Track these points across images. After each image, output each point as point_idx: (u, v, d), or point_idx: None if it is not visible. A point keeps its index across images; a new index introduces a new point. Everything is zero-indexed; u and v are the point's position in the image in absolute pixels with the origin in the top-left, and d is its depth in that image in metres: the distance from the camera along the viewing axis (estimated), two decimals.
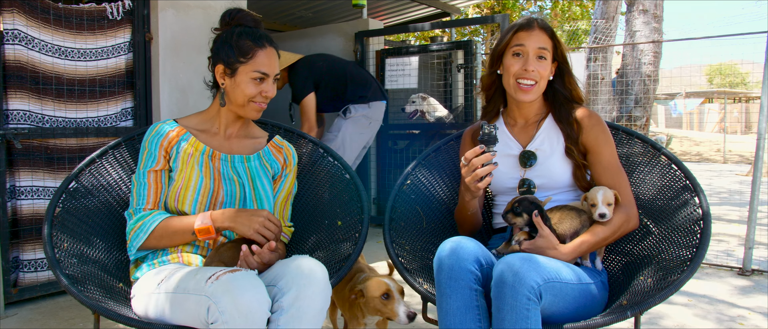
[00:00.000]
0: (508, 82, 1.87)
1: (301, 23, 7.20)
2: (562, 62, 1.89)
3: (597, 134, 1.83)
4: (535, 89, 1.84)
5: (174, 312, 1.52)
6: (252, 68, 1.81)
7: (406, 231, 2.02)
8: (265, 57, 1.82)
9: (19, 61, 3.02)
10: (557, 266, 1.54)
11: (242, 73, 1.81)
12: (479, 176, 1.67)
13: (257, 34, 1.85)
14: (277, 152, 1.99)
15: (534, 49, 1.81)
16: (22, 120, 3.05)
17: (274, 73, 1.85)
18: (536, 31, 1.82)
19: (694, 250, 1.69)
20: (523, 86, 1.83)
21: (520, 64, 1.82)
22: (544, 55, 1.83)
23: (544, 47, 1.82)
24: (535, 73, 1.82)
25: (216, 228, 1.68)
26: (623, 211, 1.74)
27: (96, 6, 3.37)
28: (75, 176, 1.95)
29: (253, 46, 1.82)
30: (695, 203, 1.82)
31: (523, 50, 1.82)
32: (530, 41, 1.81)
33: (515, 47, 1.83)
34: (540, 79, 1.84)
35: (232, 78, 1.83)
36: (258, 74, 1.81)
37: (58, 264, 1.67)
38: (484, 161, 1.67)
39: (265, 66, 1.82)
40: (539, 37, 1.82)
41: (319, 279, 1.49)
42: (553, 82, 1.91)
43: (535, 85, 1.84)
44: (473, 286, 1.52)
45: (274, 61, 1.85)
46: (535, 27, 1.82)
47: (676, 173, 1.94)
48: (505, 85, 1.90)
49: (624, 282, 1.84)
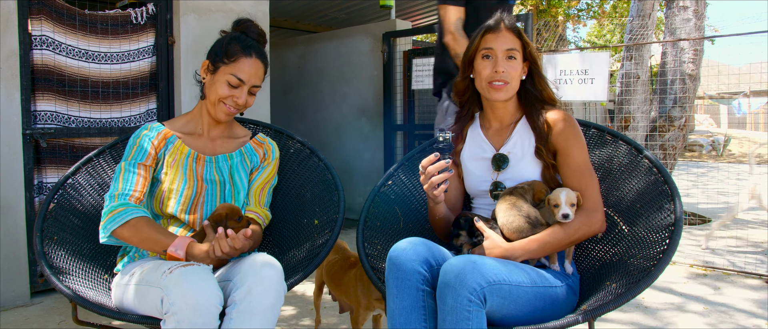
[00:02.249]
0: (481, 85, 1.87)
1: (335, 24, 7.31)
2: (532, 63, 1.88)
3: (567, 136, 1.82)
4: (507, 88, 1.84)
5: (140, 302, 1.61)
6: (231, 71, 1.89)
7: (382, 231, 2.06)
8: (247, 66, 1.90)
9: (47, 65, 3.22)
10: (507, 268, 1.54)
11: (221, 73, 1.90)
12: (435, 183, 1.70)
13: (249, 43, 1.93)
14: (258, 147, 2.07)
15: (502, 50, 1.81)
16: (49, 120, 3.25)
17: (250, 83, 1.91)
18: (503, 32, 1.82)
19: (658, 258, 1.65)
20: (495, 84, 1.84)
21: (491, 67, 1.83)
22: (514, 55, 1.83)
23: (513, 48, 1.82)
24: (505, 73, 1.82)
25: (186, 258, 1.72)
26: (583, 214, 1.72)
27: (121, 12, 3.54)
28: (72, 174, 2.08)
29: (240, 52, 1.90)
30: (669, 208, 1.78)
31: (492, 53, 1.82)
32: (498, 43, 1.82)
33: (484, 50, 1.84)
34: (511, 79, 1.84)
35: (212, 75, 1.92)
36: (234, 79, 1.88)
37: (44, 256, 1.80)
38: (439, 168, 1.69)
39: (243, 73, 1.89)
40: (507, 38, 1.82)
41: (271, 274, 1.55)
42: (525, 82, 1.90)
43: (507, 84, 1.84)
44: (420, 287, 1.54)
45: (254, 71, 1.92)
46: (503, 28, 1.83)
47: (656, 176, 1.90)
48: (478, 88, 1.91)
49: (593, 287, 1.82)
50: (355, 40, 6.06)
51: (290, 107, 6.83)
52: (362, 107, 6.10)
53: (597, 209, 1.74)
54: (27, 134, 3.14)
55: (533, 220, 1.69)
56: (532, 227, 1.68)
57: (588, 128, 2.13)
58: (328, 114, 6.45)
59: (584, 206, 1.73)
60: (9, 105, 3.07)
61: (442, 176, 1.70)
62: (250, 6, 4.16)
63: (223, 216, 1.78)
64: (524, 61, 1.87)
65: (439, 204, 1.82)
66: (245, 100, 1.93)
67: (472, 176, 1.95)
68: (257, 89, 1.96)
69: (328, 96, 6.43)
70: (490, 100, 1.89)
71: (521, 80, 1.88)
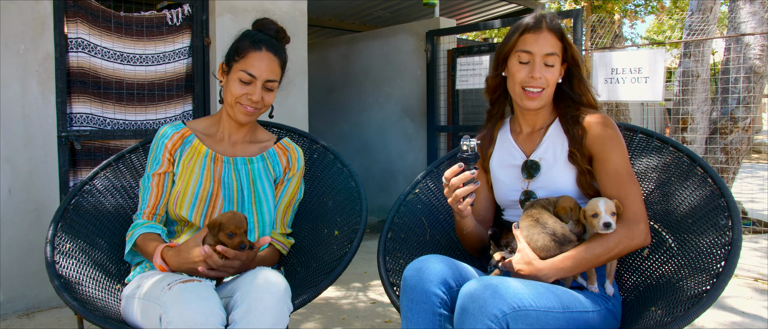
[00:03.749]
0: (514, 89, 1.71)
1: (380, 23, 7.20)
2: (573, 65, 1.70)
3: (604, 140, 1.63)
4: (542, 95, 1.68)
5: (142, 317, 1.53)
6: (241, 67, 1.79)
7: (406, 244, 1.92)
8: (257, 60, 1.79)
9: (82, 67, 3.22)
10: (534, 291, 1.38)
11: (234, 71, 1.81)
12: (460, 196, 1.56)
13: (259, 37, 1.83)
14: (282, 154, 1.96)
15: (541, 55, 1.64)
16: (84, 123, 3.26)
17: (263, 78, 1.80)
18: (544, 33, 1.64)
19: (711, 282, 1.46)
20: (530, 92, 1.67)
21: (527, 71, 1.66)
22: (553, 62, 1.65)
23: (553, 53, 1.64)
24: (542, 80, 1.65)
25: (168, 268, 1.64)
26: (624, 226, 1.53)
27: (156, 13, 3.53)
28: (90, 179, 2.04)
29: (249, 47, 1.80)
30: (726, 225, 1.58)
31: (530, 57, 1.65)
32: (537, 46, 1.64)
33: (521, 53, 1.66)
34: (547, 85, 1.67)
35: (227, 76, 1.84)
36: (245, 75, 1.78)
37: (53, 265, 1.74)
38: (464, 180, 1.55)
39: (254, 68, 1.79)
40: (547, 40, 1.64)
41: (272, 293, 1.44)
42: (561, 84, 1.73)
43: (542, 91, 1.67)
44: (437, 310, 1.40)
45: (266, 66, 1.80)
46: (544, 28, 1.64)
47: (711, 188, 1.69)
48: (510, 90, 1.75)
49: (636, 312, 1.63)
50: (398, 39, 5.93)
51: (334, 107, 6.76)
52: (406, 107, 5.97)
53: (639, 220, 1.55)
54: (62, 137, 3.15)
55: (560, 237, 1.51)
56: (558, 245, 1.51)
57: (634, 133, 1.93)
58: (372, 115, 6.34)
59: (625, 217, 1.55)
60: (44, 108, 3.09)
61: (467, 188, 1.55)
62: (287, 5, 4.10)
63: (216, 224, 1.58)
64: (562, 63, 1.70)
65: (466, 218, 1.67)
66: (260, 96, 1.81)
67: (501, 184, 1.79)
68: (274, 85, 1.84)
69: (371, 96, 6.33)
70: (522, 107, 1.73)
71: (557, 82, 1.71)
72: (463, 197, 1.56)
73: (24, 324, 2.93)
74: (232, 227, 1.56)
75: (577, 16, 4.40)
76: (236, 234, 1.56)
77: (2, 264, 3.02)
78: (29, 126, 3.05)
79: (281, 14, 4.03)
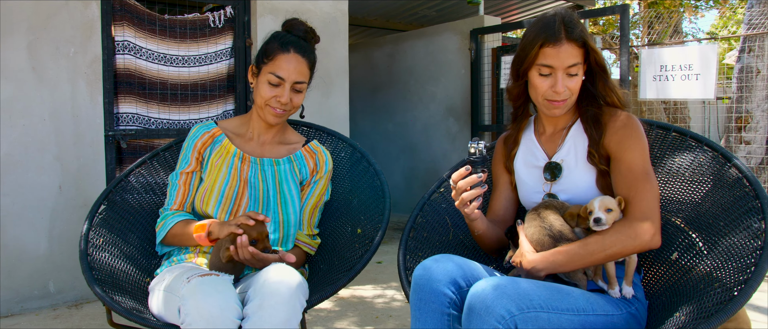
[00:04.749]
0: (537, 99, 1.65)
1: (426, 22, 7.18)
2: (598, 69, 1.63)
3: (621, 137, 1.56)
4: (567, 104, 1.62)
5: (165, 309, 1.58)
6: (270, 70, 1.82)
7: (428, 243, 1.91)
8: (285, 62, 1.82)
9: (128, 69, 3.35)
10: (548, 292, 1.34)
11: (263, 73, 1.85)
12: (466, 200, 1.52)
13: (288, 39, 1.86)
14: (309, 157, 1.98)
15: (563, 67, 1.55)
16: (130, 122, 3.38)
17: (291, 80, 1.83)
18: (565, 45, 1.54)
19: (739, 288, 1.38)
20: (554, 102, 1.61)
21: (549, 84, 1.58)
22: (576, 71, 1.58)
23: (576, 63, 1.56)
24: (565, 91, 1.59)
25: (207, 233, 1.70)
26: (626, 224, 1.45)
27: (199, 15, 3.63)
28: (125, 176, 2.12)
29: (278, 49, 1.83)
30: (759, 228, 1.49)
31: (552, 70, 1.57)
32: (559, 59, 1.55)
33: (541, 66, 1.58)
34: (572, 94, 1.60)
35: (257, 78, 1.87)
36: (273, 77, 1.82)
37: (85, 258, 1.82)
38: (471, 183, 1.51)
39: (282, 70, 1.82)
40: (569, 52, 1.55)
41: (284, 289, 1.45)
42: (584, 81, 1.67)
43: (566, 101, 1.61)
44: (446, 310, 1.38)
45: (294, 67, 1.83)
46: (563, 40, 1.54)
47: (746, 189, 1.61)
48: (533, 100, 1.70)
49: (662, 317, 1.56)
50: (442, 38, 5.90)
51: (379, 107, 6.79)
52: (450, 106, 5.93)
53: (646, 219, 1.46)
54: (109, 136, 3.28)
55: (556, 233, 1.47)
56: (553, 240, 1.47)
57: (668, 131, 1.85)
58: (417, 114, 6.33)
59: (629, 215, 1.47)
60: (92, 108, 3.22)
61: (473, 192, 1.52)
62: (328, 6, 4.14)
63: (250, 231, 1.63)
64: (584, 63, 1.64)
65: (476, 221, 1.64)
66: (289, 98, 1.84)
67: (524, 185, 1.75)
68: (302, 86, 1.87)
69: (415, 95, 6.32)
70: (547, 115, 1.69)
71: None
72: (469, 201, 1.53)
73: (72, 314, 3.07)
74: (256, 234, 1.60)
75: (624, 12, 4.26)
76: (259, 240, 1.61)
77: (54, 257, 3.17)
78: (78, 126, 3.19)
79: (322, 15, 4.07)
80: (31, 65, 3.05)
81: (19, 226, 3.07)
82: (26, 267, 3.10)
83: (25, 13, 3.02)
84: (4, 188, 3.02)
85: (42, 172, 3.12)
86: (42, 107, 3.10)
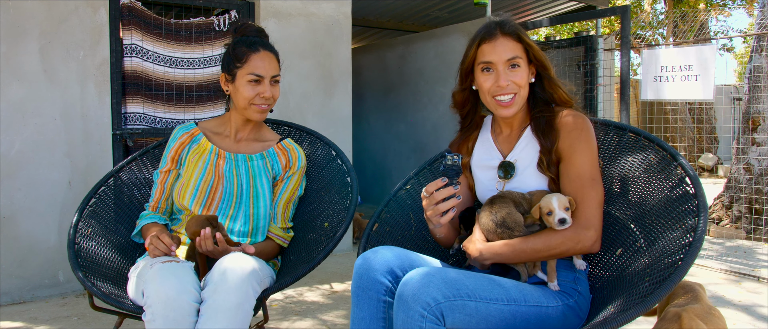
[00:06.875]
0: (486, 100, 1.73)
1: (438, 23, 7.25)
2: (540, 67, 1.72)
3: (571, 141, 1.64)
4: (515, 101, 1.69)
5: (135, 293, 1.73)
6: (247, 71, 1.95)
7: (390, 237, 2.00)
8: (259, 60, 1.96)
9: (135, 71, 3.52)
10: (477, 282, 1.42)
11: (240, 77, 1.97)
12: (441, 211, 1.56)
13: (252, 40, 2.00)
14: (282, 154, 2.10)
15: (503, 61, 1.65)
16: (137, 122, 3.56)
17: (269, 75, 1.97)
18: (500, 39, 1.65)
19: (659, 282, 1.45)
20: (503, 101, 1.68)
21: (492, 80, 1.67)
22: (517, 63, 1.66)
23: (515, 56, 1.65)
24: (510, 85, 1.67)
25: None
26: (571, 229, 1.55)
27: (205, 19, 3.79)
28: (116, 172, 2.27)
29: (247, 51, 1.97)
30: (690, 226, 1.56)
31: (492, 65, 1.67)
32: (496, 54, 1.65)
33: (482, 63, 1.68)
34: (518, 89, 1.68)
35: (233, 84, 2.00)
36: (253, 77, 1.95)
37: (73, 246, 1.97)
38: (447, 194, 1.55)
39: (259, 68, 1.95)
40: (505, 45, 1.65)
41: (236, 276, 1.57)
42: (534, 85, 1.75)
43: (514, 96, 1.69)
44: (382, 297, 1.48)
45: (268, 63, 1.98)
46: (498, 35, 1.65)
47: (687, 188, 1.67)
48: (483, 102, 1.78)
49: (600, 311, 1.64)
50: (451, 39, 5.97)
51: (391, 107, 6.89)
52: None
53: (590, 227, 1.56)
54: (117, 134, 3.46)
55: (499, 221, 1.56)
56: (496, 227, 1.56)
57: (624, 132, 1.92)
58: (427, 114, 6.41)
59: (576, 220, 1.56)
60: (101, 108, 3.41)
61: (449, 203, 1.56)
62: (331, 8, 4.26)
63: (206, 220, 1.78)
64: (530, 64, 1.72)
65: (439, 228, 1.71)
66: (271, 92, 1.99)
67: (480, 183, 1.83)
68: (278, 78, 2.03)
69: (425, 96, 6.40)
70: (499, 116, 1.77)
71: (530, 83, 1.74)
72: (443, 212, 1.57)
73: (79, 302, 3.25)
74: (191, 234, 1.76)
75: (624, 13, 4.29)
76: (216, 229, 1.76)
77: (63, 248, 3.35)
78: (87, 125, 3.38)
79: (325, 17, 4.20)
80: (42, 68, 3.25)
81: (31, 219, 3.27)
82: (37, 258, 3.30)
83: (37, 18, 3.22)
84: (18, 184, 3.22)
85: (53, 169, 3.31)
86: (53, 107, 3.29)
